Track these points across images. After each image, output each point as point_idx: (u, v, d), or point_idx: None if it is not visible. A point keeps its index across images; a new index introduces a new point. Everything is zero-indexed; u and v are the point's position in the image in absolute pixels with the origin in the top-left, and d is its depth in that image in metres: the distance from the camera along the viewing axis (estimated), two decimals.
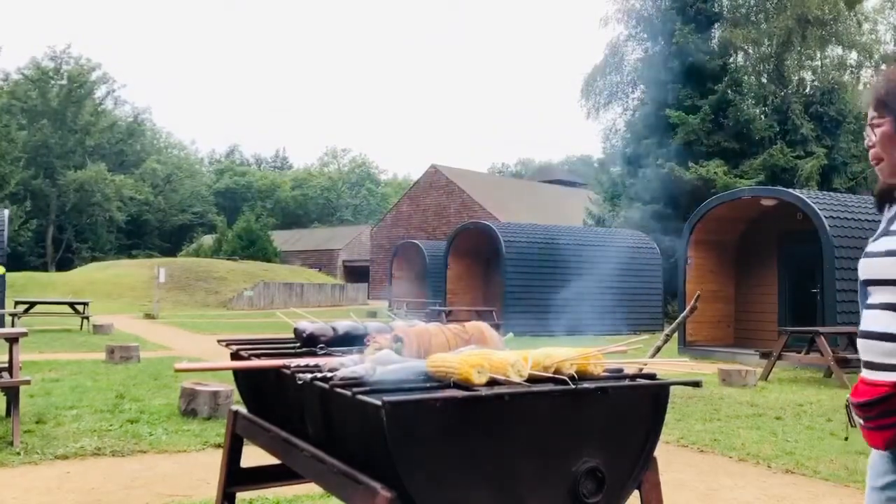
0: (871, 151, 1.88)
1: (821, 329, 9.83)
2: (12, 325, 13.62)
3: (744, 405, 7.62)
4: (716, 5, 25.68)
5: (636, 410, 1.93)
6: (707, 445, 5.78)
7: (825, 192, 14.05)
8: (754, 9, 25.79)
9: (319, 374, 1.95)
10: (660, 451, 1.99)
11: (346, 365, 1.97)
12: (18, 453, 4.86)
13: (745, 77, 24.67)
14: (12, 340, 5.25)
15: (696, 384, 2.03)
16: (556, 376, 1.82)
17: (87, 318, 15.99)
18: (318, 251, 52.48)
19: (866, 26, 26.67)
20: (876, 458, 1.72)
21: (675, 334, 8.91)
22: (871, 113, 1.84)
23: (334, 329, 2.73)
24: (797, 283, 13.27)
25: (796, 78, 25.53)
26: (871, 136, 1.85)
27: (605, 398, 1.85)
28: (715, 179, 21.21)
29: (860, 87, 26.72)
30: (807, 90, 25.37)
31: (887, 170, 1.91)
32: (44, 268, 44.35)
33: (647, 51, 26.96)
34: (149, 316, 21.94)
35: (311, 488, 3.84)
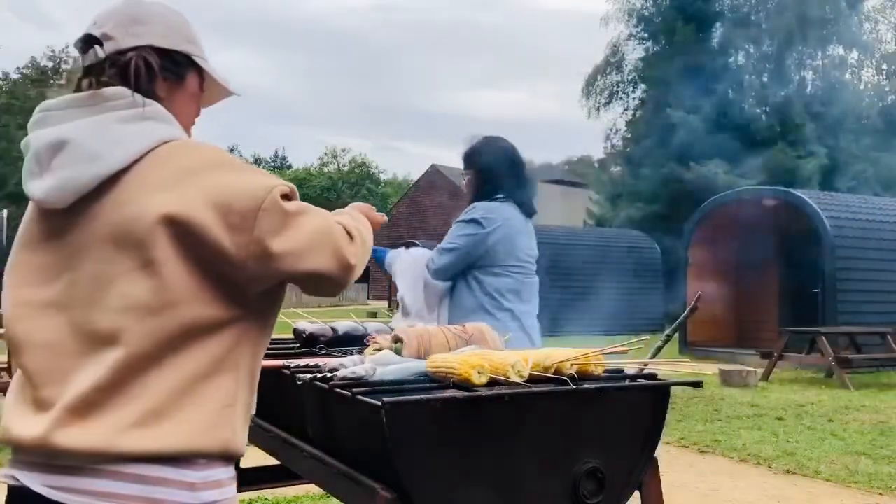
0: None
1: (821, 329, 9.83)
2: None
3: (745, 406, 7.62)
4: (716, 5, 25.69)
5: (637, 411, 1.92)
6: (708, 446, 5.78)
7: (826, 192, 14.06)
8: (755, 8, 25.79)
9: (319, 375, 1.94)
10: (661, 452, 1.99)
11: (346, 365, 1.97)
12: None
13: (746, 76, 24.66)
14: None
15: (697, 385, 2.02)
16: (557, 377, 1.82)
17: None
18: None
19: (867, 26, 26.68)
20: None
21: (676, 335, 8.90)
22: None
23: (334, 329, 2.73)
24: (798, 283, 13.26)
25: (797, 77, 25.53)
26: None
27: (606, 399, 1.84)
28: (716, 179, 21.20)
29: (861, 86, 26.72)
30: (808, 90, 25.36)
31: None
32: None
33: (648, 50, 26.96)
34: None
35: (311, 489, 3.84)
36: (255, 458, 2.85)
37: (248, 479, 2.94)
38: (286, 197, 1.20)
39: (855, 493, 4.58)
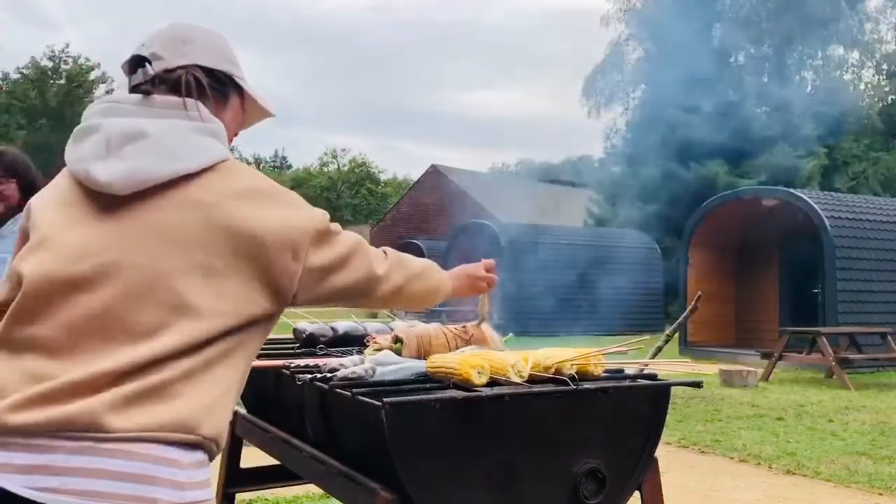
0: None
1: (822, 329, 9.83)
2: None
3: (745, 406, 7.61)
4: (717, 4, 25.69)
5: (637, 411, 1.92)
6: (708, 446, 5.77)
7: (826, 192, 14.05)
8: (755, 8, 25.80)
9: (319, 375, 1.94)
10: (661, 452, 1.99)
11: (346, 365, 1.97)
12: None
13: (746, 76, 24.66)
14: None
15: (697, 385, 2.02)
16: (557, 377, 1.82)
17: None
18: None
19: (868, 26, 26.67)
20: None
21: (676, 335, 8.90)
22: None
23: (334, 329, 2.73)
24: (798, 283, 13.26)
25: (797, 77, 25.53)
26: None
27: (606, 399, 1.84)
28: (716, 179, 21.20)
29: (861, 86, 26.72)
30: (808, 90, 25.37)
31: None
32: None
33: (648, 50, 26.97)
34: None
35: (311, 489, 3.84)
36: (255, 458, 2.85)
37: (248, 479, 2.94)
38: (328, 221, 1.33)
39: (855, 493, 4.58)
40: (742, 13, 25.65)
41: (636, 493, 1.94)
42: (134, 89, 1.29)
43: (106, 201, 1.20)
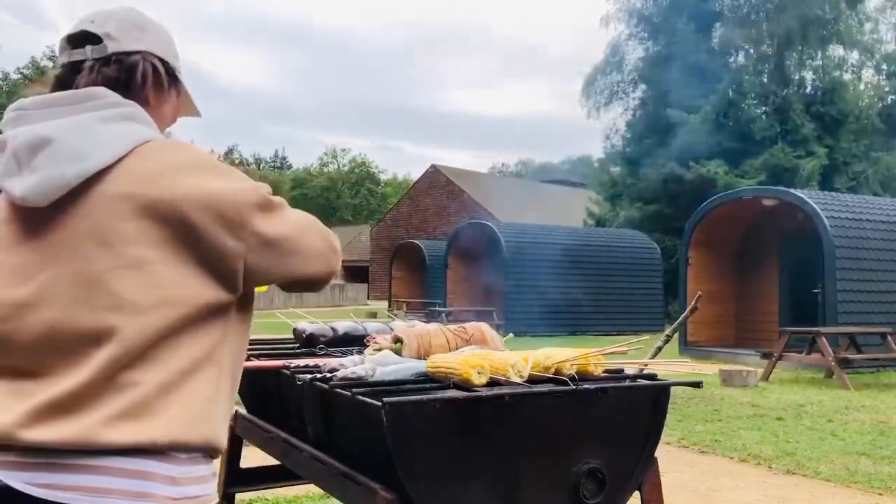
0: None
1: (822, 329, 9.82)
2: None
3: (745, 406, 7.61)
4: (717, 4, 25.69)
5: (637, 411, 1.92)
6: (708, 446, 5.77)
7: (826, 192, 14.05)
8: (755, 8, 25.79)
9: (319, 375, 1.94)
10: (660, 452, 1.99)
11: (346, 366, 1.97)
12: None
13: (746, 76, 24.66)
14: None
15: (697, 385, 2.03)
16: (557, 377, 1.82)
17: None
18: None
19: (867, 26, 26.66)
20: None
21: (676, 335, 8.90)
22: None
23: (334, 329, 2.73)
24: (798, 283, 13.26)
25: (797, 77, 25.52)
26: None
27: (606, 399, 1.84)
28: (716, 179, 21.21)
29: (861, 86, 26.71)
30: (808, 90, 25.36)
31: None
32: None
33: (648, 50, 26.96)
34: None
35: (311, 489, 3.84)
36: (255, 458, 2.85)
37: (248, 479, 2.94)
38: (268, 195, 1.26)
39: (855, 493, 4.58)
40: (742, 13, 25.64)
41: (636, 493, 1.94)
42: (72, 66, 1.27)
43: (35, 215, 1.17)
